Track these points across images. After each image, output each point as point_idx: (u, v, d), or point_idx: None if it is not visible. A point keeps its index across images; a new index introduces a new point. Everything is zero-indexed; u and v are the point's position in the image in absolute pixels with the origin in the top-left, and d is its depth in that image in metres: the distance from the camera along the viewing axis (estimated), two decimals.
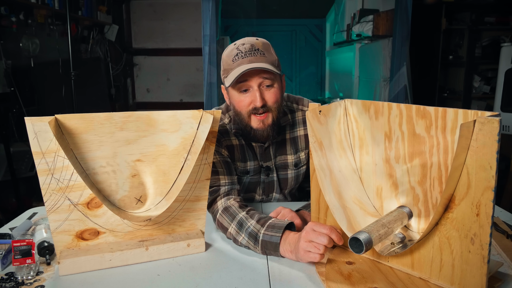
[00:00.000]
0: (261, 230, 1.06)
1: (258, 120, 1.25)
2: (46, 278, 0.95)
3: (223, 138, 1.35)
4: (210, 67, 2.90)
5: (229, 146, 1.36)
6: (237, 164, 1.38)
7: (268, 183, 1.43)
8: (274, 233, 1.04)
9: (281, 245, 1.02)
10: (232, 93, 1.27)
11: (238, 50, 1.22)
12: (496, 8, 3.78)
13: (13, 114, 2.91)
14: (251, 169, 1.39)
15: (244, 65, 1.19)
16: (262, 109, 1.23)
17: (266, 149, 1.38)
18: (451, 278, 0.83)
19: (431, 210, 0.89)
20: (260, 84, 1.22)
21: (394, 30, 3.00)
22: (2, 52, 2.75)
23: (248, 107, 1.24)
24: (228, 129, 1.36)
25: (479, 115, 0.76)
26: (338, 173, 1.02)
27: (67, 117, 0.97)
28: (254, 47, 1.22)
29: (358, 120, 1.03)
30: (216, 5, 2.87)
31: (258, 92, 1.22)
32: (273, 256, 1.05)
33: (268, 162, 1.41)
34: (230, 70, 1.23)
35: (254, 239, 1.06)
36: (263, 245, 1.05)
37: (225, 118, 1.38)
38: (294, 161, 1.42)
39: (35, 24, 3.21)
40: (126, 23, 4.95)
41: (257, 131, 1.27)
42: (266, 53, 1.23)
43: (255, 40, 1.25)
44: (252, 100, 1.23)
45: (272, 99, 1.24)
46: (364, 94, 3.83)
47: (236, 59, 1.21)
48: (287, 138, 1.40)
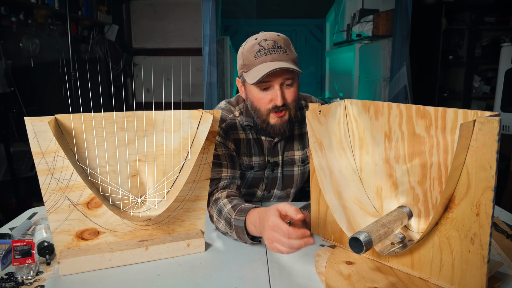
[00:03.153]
0: (233, 215, 1.09)
1: (277, 117, 1.26)
2: (46, 278, 0.95)
3: (231, 131, 1.35)
4: (210, 67, 2.90)
5: (236, 140, 1.36)
6: (243, 158, 1.38)
7: (271, 179, 1.43)
8: (241, 217, 1.07)
9: (248, 227, 1.06)
10: (251, 89, 1.27)
11: (260, 46, 1.22)
12: (496, 8, 3.78)
13: (13, 114, 2.91)
14: (256, 164, 1.40)
15: (268, 63, 1.19)
16: (282, 107, 1.24)
17: (275, 144, 1.39)
18: (451, 278, 0.83)
19: (431, 210, 0.90)
20: (282, 83, 1.23)
21: (394, 30, 3.00)
22: (2, 52, 2.75)
23: (268, 104, 1.25)
24: (236, 123, 1.37)
25: (479, 115, 0.76)
26: (338, 173, 1.03)
27: (67, 117, 0.97)
28: (277, 44, 1.22)
29: (358, 120, 1.03)
30: (216, 5, 2.88)
31: (280, 91, 1.22)
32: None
33: (276, 158, 1.41)
34: (251, 66, 1.22)
35: (229, 225, 1.09)
36: (236, 230, 1.08)
37: (235, 110, 1.38)
38: (301, 157, 1.43)
39: (35, 24, 3.21)
40: (126, 23, 4.95)
41: (275, 126, 1.28)
42: (287, 51, 1.23)
43: (276, 36, 1.24)
44: (272, 98, 1.24)
45: (292, 97, 1.25)
46: (364, 94, 3.83)
47: (258, 55, 1.21)
48: (295, 134, 1.42)
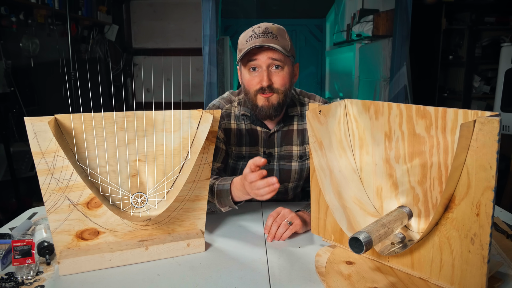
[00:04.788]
0: (216, 183, 1.23)
1: (264, 98, 1.29)
2: (46, 278, 0.95)
3: (223, 120, 1.40)
4: (210, 67, 2.90)
5: (226, 129, 1.40)
6: (232, 148, 1.42)
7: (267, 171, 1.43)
8: (225, 182, 1.21)
9: (232, 190, 1.18)
10: (243, 72, 1.33)
11: (252, 32, 1.28)
12: (496, 8, 3.78)
13: (13, 114, 2.91)
14: (247, 154, 1.41)
15: (255, 44, 1.24)
16: (268, 89, 1.27)
17: (271, 135, 1.40)
18: (451, 278, 0.83)
19: (431, 210, 0.89)
20: (269, 65, 1.27)
21: (394, 30, 3.00)
22: (2, 52, 2.75)
23: (256, 86, 1.29)
24: (231, 113, 1.41)
25: (479, 115, 0.76)
26: (338, 173, 1.02)
27: (67, 117, 0.97)
28: (268, 30, 1.27)
29: (358, 120, 1.03)
30: (216, 5, 2.88)
31: (266, 72, 1.26)
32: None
33: (271, 149, 1.42)
34: (242, 49, 1.27)
35: (211, 192, 1.21)
36: (218, 194, 1.20)
37: (235, 100, 1.43)
38: (299, 152, 1.43)
39: (35, 24, 3.21)
40: (126, 23, 4.95)
41: (262, 108, 1.31)
42: (279, 37, 1.27)
43: (271, 24, 1.30)
44: (260, 79, 1.28)
45: (280, 81, 1.29)
46: (364, 94, 3.83)
47: (249, 39, 1.27)
48: (294, 129, 1.42)
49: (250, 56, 1.26)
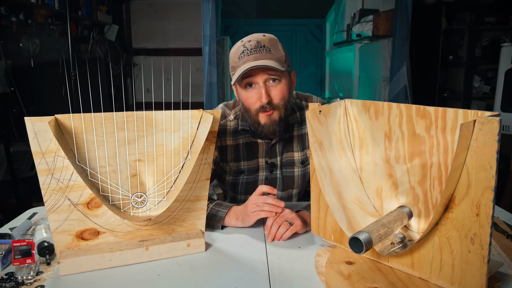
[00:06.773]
0: (210, 205, 1.24)
1: (265, 116, 1.26)
2: (46, 278, 0.95)
3: (219, 138, 1.36)
4: (210, 67, 2.90)
5: (222, 147, 1.37)
6: (230, 164, 1.39)
7: (271, 180, 1.43)
8: (221, 209, 1.23)
9: (226, 218, 1.21)
10: (239, 90, 1.28)
11: (244, 48, 1.23)
12: (496, 8, 3.78)
13: (13, 114, 2.91)
14: (246, 168, 1.39)
15: (249, 62, 1.19)
16: (269, 106, 1.24)
17: (272, 146, 1.39)
18: (451, 278, 0.83)
19: (431, 210, 0.89)
20: (265, 80, 1.23)
21: (394, 30, 3.00)
22: (2, 52, 2.75)
23: (256, 104, 1.25)
24: (227, 129, 1.37)
25: (479, 115, 0.76)
26: (338, 173, 1.02)
27: (67, 117, 0.97)
28: (260, 44, 1.22)
29: (358, 120, 1.03)
30: (216, 5, 2.88)
31: (264, 88, 1.22)
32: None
33: (274, 159, 1.41)
34: (236, 67, 1.23)
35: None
36: (208, 216, 1.20)
37: (231, 114, 1.39)
38: (301, 158, 1.42)
39: (35, 24, 3.21)
40: (126, 23, 4.95)
41: (265, 126, 1.28)
42: (272, 50, 1.22)
43: (261, 36, 1.25)
44: (258, 97, 1.24)
45: (278, 96, 1.25)
46: (364, 94, 3.84)
47: (242, 56, 1.22)
48: (294, 135, 1.41)
49: (245, 74, 1.21)
